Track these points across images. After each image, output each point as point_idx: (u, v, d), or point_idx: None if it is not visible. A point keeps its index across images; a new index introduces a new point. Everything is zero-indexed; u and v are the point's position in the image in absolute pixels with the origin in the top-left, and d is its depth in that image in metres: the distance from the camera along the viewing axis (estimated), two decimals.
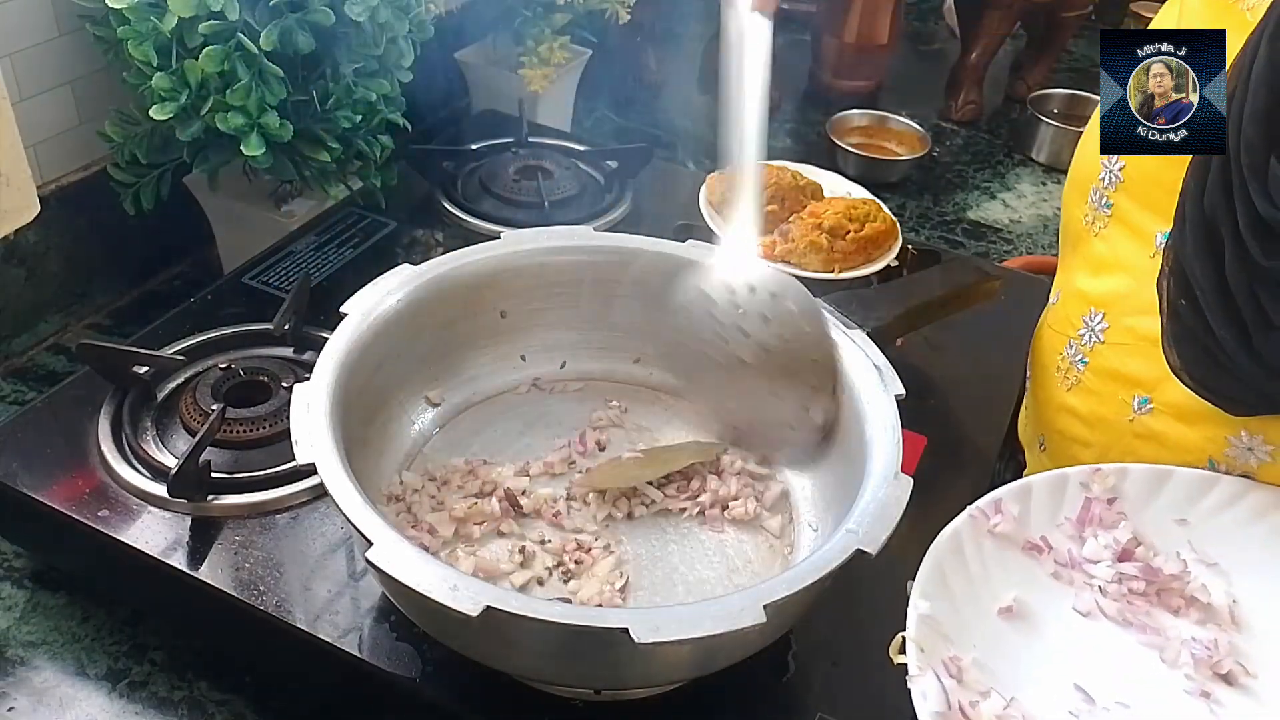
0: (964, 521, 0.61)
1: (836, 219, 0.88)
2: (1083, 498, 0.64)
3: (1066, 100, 1.53)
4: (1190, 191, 0.59)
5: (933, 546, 0.59)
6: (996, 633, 0.58)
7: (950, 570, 0.58)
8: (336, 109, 0.90)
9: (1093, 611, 0.60)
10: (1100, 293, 0.68)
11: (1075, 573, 0.62)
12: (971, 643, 0.56)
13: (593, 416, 0.77)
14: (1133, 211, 0.66)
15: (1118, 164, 0.66)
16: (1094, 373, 0.68)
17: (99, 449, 0.72)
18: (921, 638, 0.54)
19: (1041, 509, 0.64)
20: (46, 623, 0.71)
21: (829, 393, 0.69)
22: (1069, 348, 0.70)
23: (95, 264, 1.00)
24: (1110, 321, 0.67)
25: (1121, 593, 0.61)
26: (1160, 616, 0.60)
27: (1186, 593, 0.61)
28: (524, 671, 0.61)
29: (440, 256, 0.74)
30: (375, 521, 0.54)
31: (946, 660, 0.54)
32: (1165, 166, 0.61)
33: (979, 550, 0.61)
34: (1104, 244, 0.68)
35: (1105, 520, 0.63)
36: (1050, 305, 0.75)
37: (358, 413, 0.65)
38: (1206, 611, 0.60)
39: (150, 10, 0.83)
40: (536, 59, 1.22)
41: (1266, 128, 0.54)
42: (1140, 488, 0.64)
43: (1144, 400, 0.65)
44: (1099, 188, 0.67)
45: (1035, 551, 0.62)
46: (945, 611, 0.56)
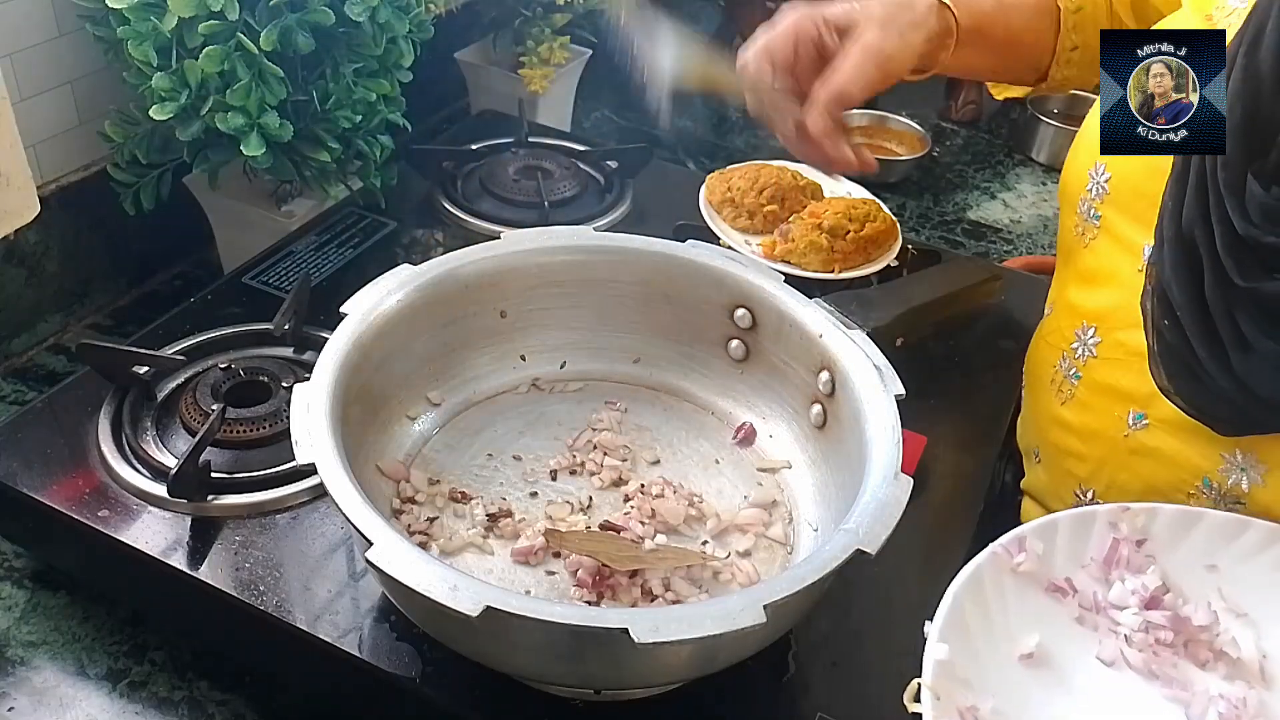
0: (986, 559, 0.58)
1: (836, 219, 0.88)
2: (1110, 538, 0.61)
3: (1066, 100, 1.53)
4: (1169, 210, 0.58)
5: (953, 585, 0.56)
6: (1016, 681, 0.55)
7: (970, 612, 0.56)
8: (336, 109, 0.90)
9: (1117, 661, 0.58)
10: (1091, 306, 0.67)
11: (1100, 618, 0.59)
12: (990, 691, 0.54)
13: (592, 417, 0.77)
14: (1119, 223, 0.65)
15: (1103, 176, 0.65)
16: (1087, 387, 0.67)
17: (99, 449, 0.72)
18: (938, 685, 0.51)
19: (1066, 548, 0.61)
20: (46, 623, 0.71)
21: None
22: (1063, 361, 0.69)
23: (95, 264, 1.00)
24: (1102, 336, 0.66)
25: (1148, 642, 0.58)
26: (1187, 669, 0.57)
27: (1216, 645, 0.58)
28: (524, 671, 0.61)
29: (440, 256, 0.74)
30: (375, 521, 0.54)
31: (963, 710, 0.52)
32: (1148, 178, 0.61)
33: (1000, 590, 0.58)
34: (1094, 256, 0.67)
35: (1133, 563, 0.60)
36: (1045, 316, 0.75)
37: (358, 413, 0.65)
38: (1235, 666, 0.57)
39: (150, 10, 0.83)
40: (536, 59, 1.22)
41: (1243, 144, 0.54)
42: (1169, 529, 0.61)
43: (1139, 416, 0.64)
44: (1086, 199, 0.66)
45: (1059, 594, 0.60)
46: (963, 656, 0.54)
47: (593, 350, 0.79)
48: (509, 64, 1.25)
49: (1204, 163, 0.56)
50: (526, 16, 1.22)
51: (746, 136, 1.49)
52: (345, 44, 0.89)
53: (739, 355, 0.77)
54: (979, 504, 0.77)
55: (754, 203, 0.91)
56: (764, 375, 0.76)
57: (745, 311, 0.75)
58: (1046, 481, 0.73)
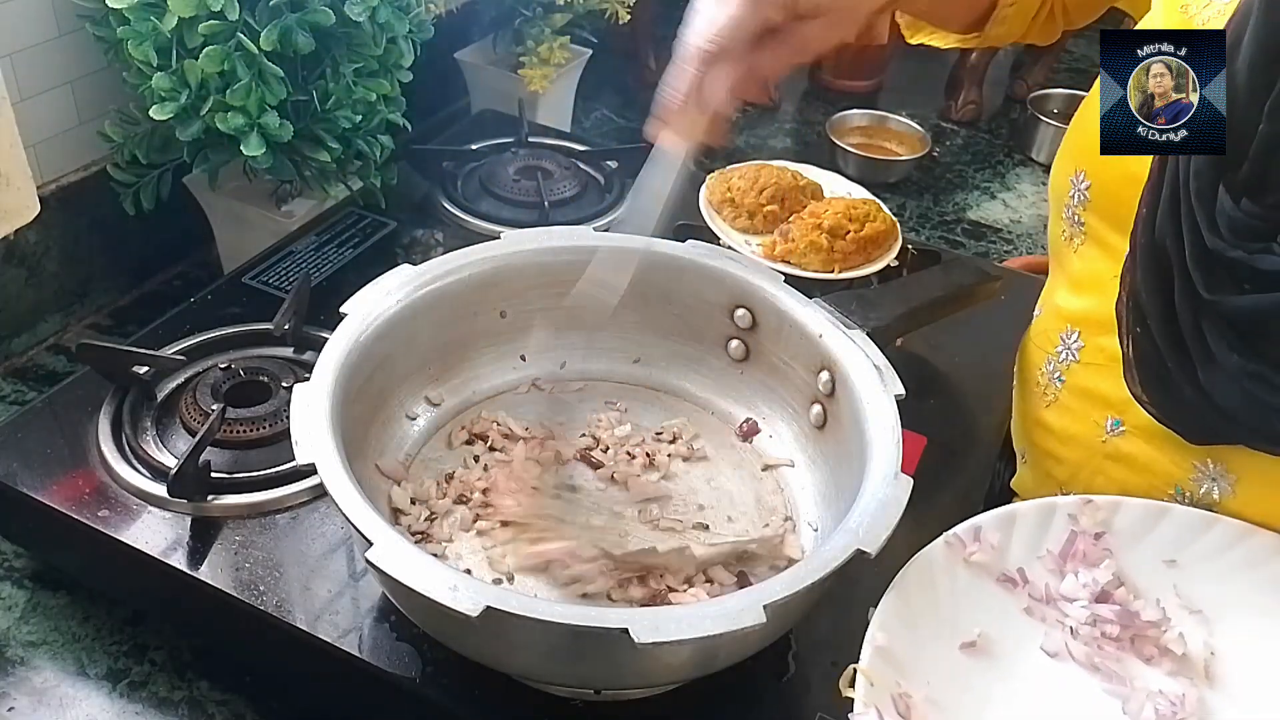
0: (938, 548, 0.58)
1: (836, 219, 0.88)
2: (1069, 530, 0.61)
3: (1066, 100, 1.53)
4: (1143, 218, 0.58)
5: (900, 574, 0.56)
6: (955, 669, 0.55)
7: (917, 600, 0.56)
8: (336, 109, 0.90)
9: (1060, 653, 0.57)
10: (1076, 310, 0.67)
11: (1049, 609, 0.59)
12: (925, 678, 0.53)
13: (592, 417, 0.77)
14: (1102, 230, 0.64)
15: (1084, 183, 0.64)
16: (1070, 391, 0.67)
17: (99, 449, 0.72)
18: (873, 670, 0.52)
19: (1024, 539, 0.61)
20: (46, 623, 0.71)
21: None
22: (1048, 364, 0.69)
23: (95, 264, 1.00)
24: (1085, 340, 0.66)
25: (1094, 635, 0.58)
26: (1130, 664, 0.57)
27: (1162, 642, 0.58)
28: (524, 671, 0.61)
29: (440, 256, 0.74)
30: (375, 521, 0.54)
31: (895, 696, 0.52)
32: (1124, 185, 0.60)
33: (951, 580, 0.58)
34: (1081, 261, 0.67)
35: (1089, 556, 0.60)
36: (1034, 318, 0.75)
37: (358, 413, 0.65)
38: (1180, 663, 0.57)
39: (150, 10, 0.83)
40: (536, 59, 1.22)
41: (1215, 155, 0.54)
42: (1132, 523, 0.61)
43: (1116, 422, 0.64)
44: (1070, 205, 0.66)
45: (1010, 584, 0.60)
46: (904, 644, 0.53)
47: (593, 350, 0.79)
48: (509, 64, 1.25)
49: (1179, 172, 0.56)
50: (526, 16, 1.23)
51: (746, 136, 1.49)
52: (345, 44, 0.89)
53: (739, 355, 0.77)
54: (978, 504, 0.77)
55: (754, 203, 0.91)
56: (764, 375, 0.76)
57: (745, 311, 0.75)
58: (1031, 482, 0.73)
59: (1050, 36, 0.81)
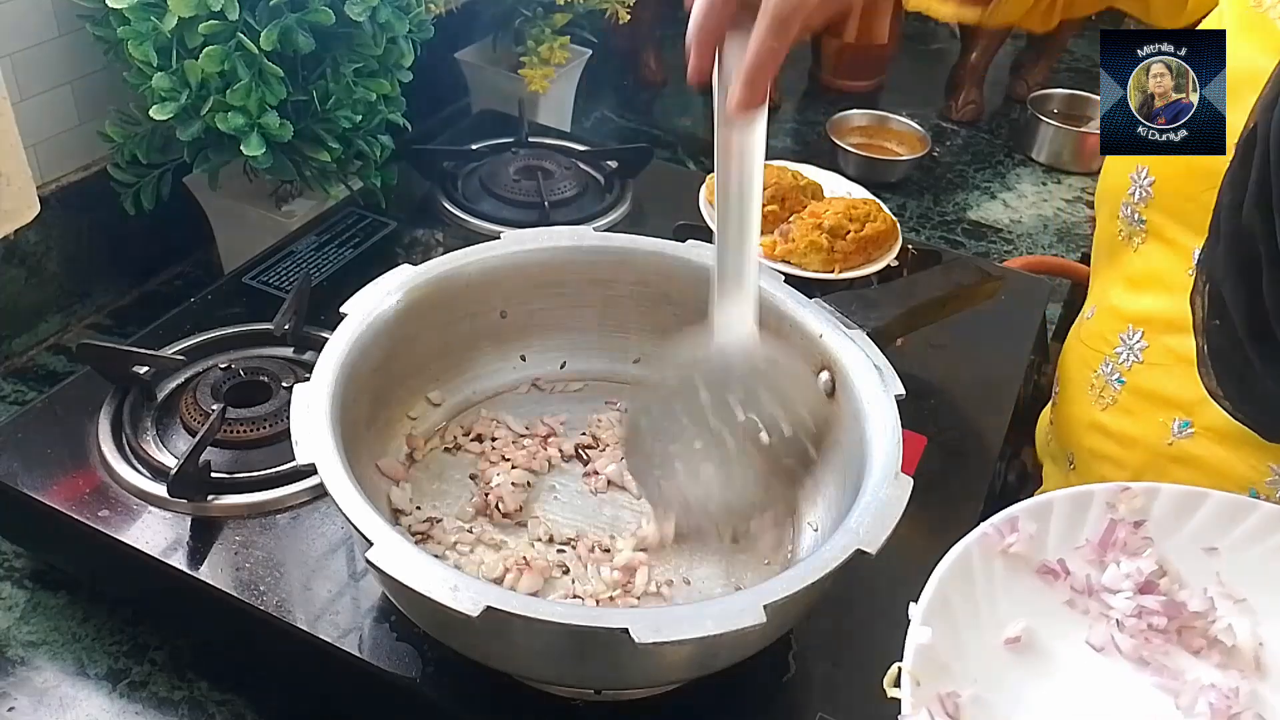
0: (975, 539, 0.56)
1: (836, 219, 0.88)
2: (1107, 519, 0.58)
3: (1067, 100, 1.53)
4: (1226, 206, 0.57)
5: (939, 567, 0.54)
6: (1000, 666, 0.53)
7: (956, 594, 0.54)
8: (336, 109, 0.90)
9: (1107, 647, 0.56)
10: (1138, 310, 0.66)
11: (1092, 601, 0.57)
12: (972, 677, 0.52)
13: (592, 417, 0.77)
14: (1168, 227, 0.63)
15: (1147, 179, 0.63)
16: (1131, 393, 0.66)
17: (99, 449, 0.72)
18: (919, 670, 0.49)
19: (1061, 529, 0.58)
20: (46, 623, 0.71)
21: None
22: (1105, 365, 0.68)
23: (95, 264, 1.00)
24: (1149, 340, 0.65)
25: (1140, 628, 0.56)
26: (1179, 657, 0.55)
27: (1210, 633, 0.56)
28: (524, 671, 0.61)
29: (440, 256, 0.74)
30: (375, 521, 0.54)
31: (943, 696, 0.50)
32: (1192, 180, 0.59)
33: (989, 572, 0.56)
34: (1142, 260, 0.66)
35: (1130, 545, 0.58)
36: (1084, 319, 0.73)
37: (358, 413, 0.65)
38: (1229, 654, 0.55)
39: (150, 10, 0.83)
40: (536, 59, 1.22)
41: None
42: (1170, 510, 0.59)
43: (1185, 424, 0.63)
44: (1129, 203, 0.65)
45: (1050, 576, 0.57)
46: (946, 640, 0.51)
47: (593, 350, 0.79)
48: (509, 64, 1.25)
49: (1267, 155, 0.55)
50: (526, 16, 1.22)
51: None
52: (345, 44, 0.89)
53: None
54: (979, 504, 0.77)
55: None
56: None
57: None
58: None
59: (1048, 24, 0.80)
